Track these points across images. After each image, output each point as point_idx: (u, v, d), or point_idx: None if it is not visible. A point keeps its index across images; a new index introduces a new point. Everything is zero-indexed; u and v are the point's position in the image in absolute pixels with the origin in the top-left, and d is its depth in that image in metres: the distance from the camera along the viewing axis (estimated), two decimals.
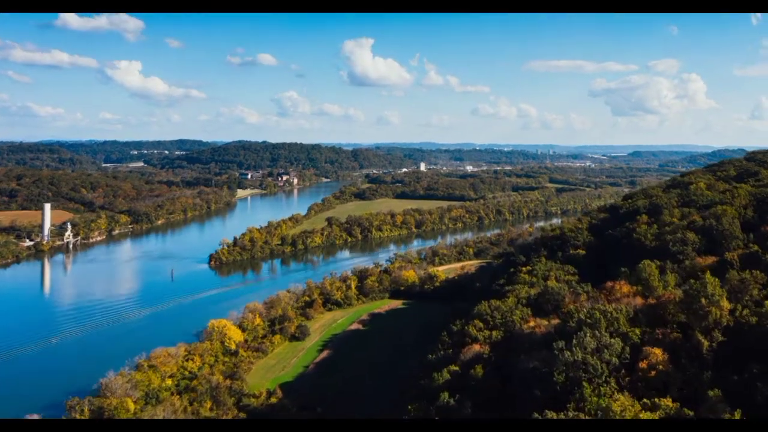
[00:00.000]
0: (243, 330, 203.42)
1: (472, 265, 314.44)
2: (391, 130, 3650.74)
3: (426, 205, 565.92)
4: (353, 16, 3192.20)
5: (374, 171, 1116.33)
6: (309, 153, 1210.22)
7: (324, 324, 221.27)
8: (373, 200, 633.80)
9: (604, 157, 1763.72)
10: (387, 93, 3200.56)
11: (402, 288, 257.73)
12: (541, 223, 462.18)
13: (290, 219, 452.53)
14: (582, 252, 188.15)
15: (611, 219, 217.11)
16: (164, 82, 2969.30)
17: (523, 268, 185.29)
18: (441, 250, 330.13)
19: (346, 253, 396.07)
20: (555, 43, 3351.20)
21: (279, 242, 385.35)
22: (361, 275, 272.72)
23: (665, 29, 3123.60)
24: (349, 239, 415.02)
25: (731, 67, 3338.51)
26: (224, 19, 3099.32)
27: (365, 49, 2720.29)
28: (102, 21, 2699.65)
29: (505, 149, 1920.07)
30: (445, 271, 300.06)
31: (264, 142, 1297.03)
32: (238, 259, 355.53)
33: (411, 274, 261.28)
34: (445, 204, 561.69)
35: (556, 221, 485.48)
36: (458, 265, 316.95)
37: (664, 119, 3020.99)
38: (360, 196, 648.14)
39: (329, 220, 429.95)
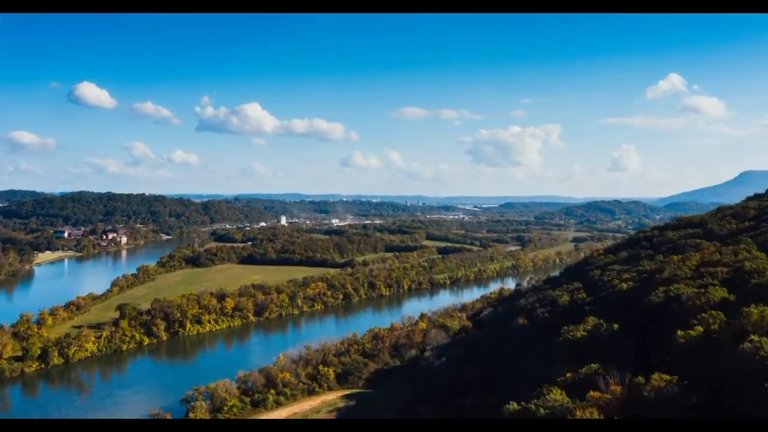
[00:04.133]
0: None
1: (331, 405, 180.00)
2: (255, 181, 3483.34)
3: (276, 274, 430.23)
4: (215, 60, 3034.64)
5: (227, 226, 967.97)
6: (151, 205, 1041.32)
7: None
8: (210, 267, 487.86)
9: (477, 209, 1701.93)
10: (252, 141, 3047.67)
11: None
12: (429, 305, 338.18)
13: (68, 306, 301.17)
14: None
15: None
16: None
17: None
18: (281, 375, 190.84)
19: (140, 366, 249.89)
20: (419, 90, 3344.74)
21: (20, 353, 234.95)
22: None
23: (526, 79, 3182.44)
24: (148, 341, 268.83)
25: (592, 118, 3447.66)
26: (44, 50, 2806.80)
27: (229, 97, 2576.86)
28: None
29: (374, 200, 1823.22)
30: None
31: (108, 193, 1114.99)
32: None
33: None
34: (301, 273, 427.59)
35: (447, 299, 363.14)
36: (309, 405, 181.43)
37: (528, 169, 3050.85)
38: (194, 261, 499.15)
39: (121, 309, 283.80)
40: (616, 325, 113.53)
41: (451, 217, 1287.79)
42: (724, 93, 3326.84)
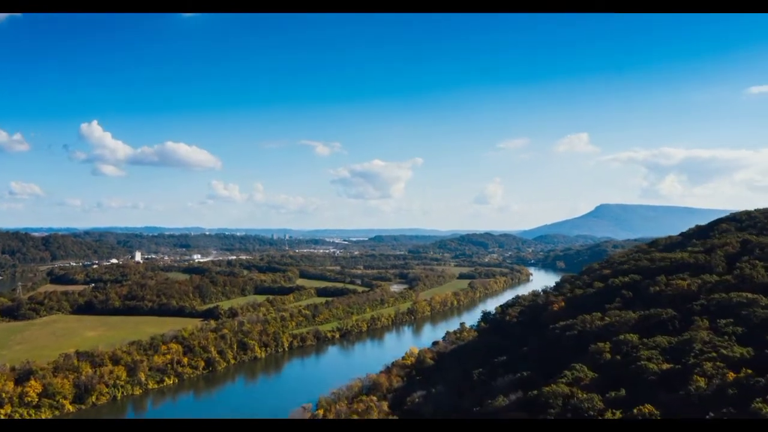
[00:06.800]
0: None
1: None
2: (113, 214, 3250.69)
3: (119, 328, 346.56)
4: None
5: (71, 264, 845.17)
6: None
7: None
8: (33, 320, 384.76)
9: (346, 242, 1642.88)
10: (100, 169, 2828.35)
11: None
12: (320, 372, 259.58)
13: None
14: None
15: None
16: None
17: None
18: None
19: None
20: (283, 121, 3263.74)
21: None
22: None
23: (390, 110, 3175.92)
24: None
25: (454, 151, 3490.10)
26: None
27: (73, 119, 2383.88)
28: None
29: (238, 234, 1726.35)
30: None
31: None
32: None
33: None
34: (152, 326, 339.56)
35: (342, 365, 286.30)
36: None
37: (394, 202, 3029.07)
38: (11, 313, 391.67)
39: None
40: None
41: (321, 251, 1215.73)
42: (588, 127, 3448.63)
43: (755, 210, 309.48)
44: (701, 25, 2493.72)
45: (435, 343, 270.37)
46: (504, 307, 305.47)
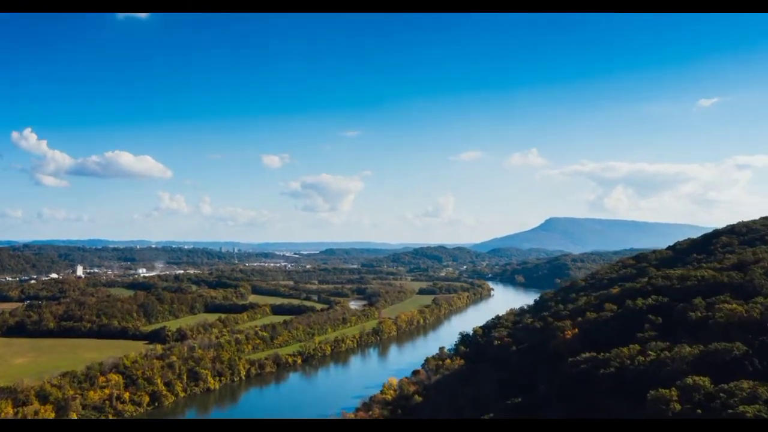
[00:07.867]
0: None
1: None
2: (56, 227, 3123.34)
3: (54, 353, 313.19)
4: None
5: (8, 278, 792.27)
6: None
7: None
8: None
9: (297, 255, 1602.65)
10: (42, 181, 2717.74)
11: None
12: (281, 404, 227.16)
13: None
14: None
15: None
16: None
17: None
18: None
19: None
20: (231, 131, 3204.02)
21: None
22: None
23: (344, 119, 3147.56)
24: None
25: (404, 164, 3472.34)
26: None
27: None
28: None
29: (186, 247, 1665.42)
30: None
31: None
32: None
33: None
34: (90, 351, 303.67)
35: (307, 396, 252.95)
36: None
37: (344, 215, 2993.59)
38: None
39: None
40: None
41: (272, 265, 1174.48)
42: (537, 139, 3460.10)
43: (752, 221, 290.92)
44: (650, 37, 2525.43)
45: (415, 373, 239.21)
46: (486, 329, 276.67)
